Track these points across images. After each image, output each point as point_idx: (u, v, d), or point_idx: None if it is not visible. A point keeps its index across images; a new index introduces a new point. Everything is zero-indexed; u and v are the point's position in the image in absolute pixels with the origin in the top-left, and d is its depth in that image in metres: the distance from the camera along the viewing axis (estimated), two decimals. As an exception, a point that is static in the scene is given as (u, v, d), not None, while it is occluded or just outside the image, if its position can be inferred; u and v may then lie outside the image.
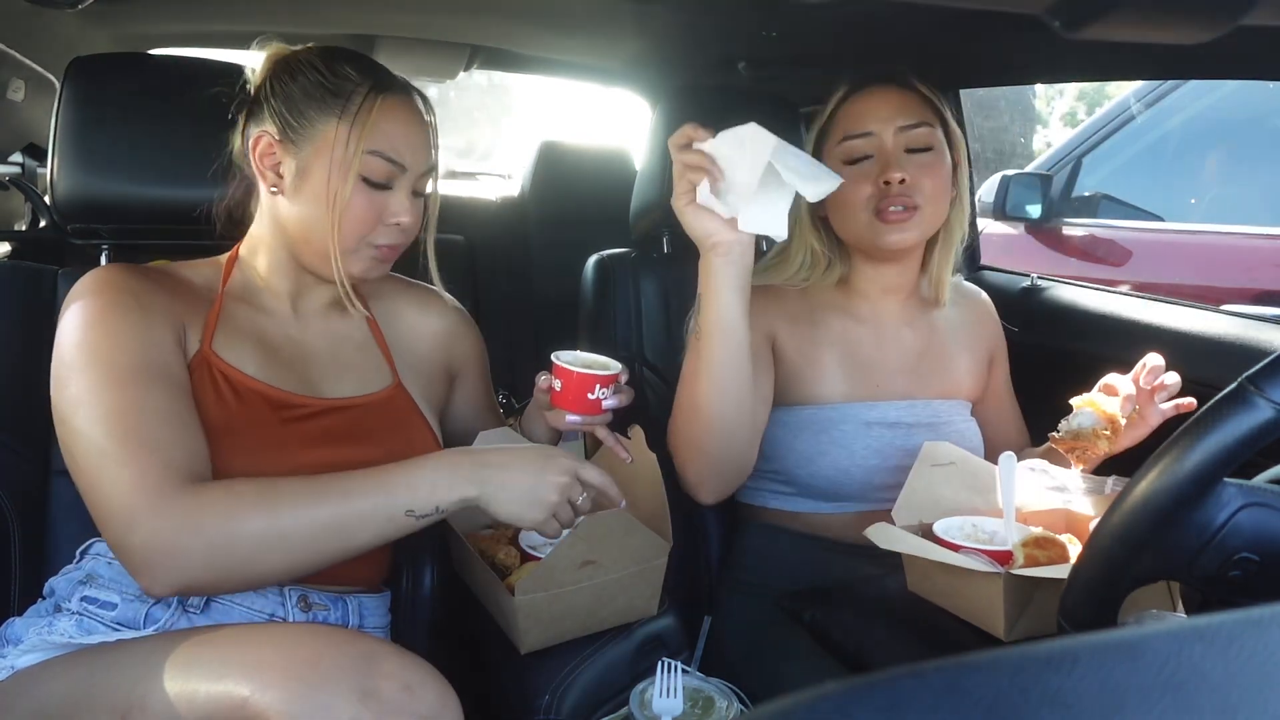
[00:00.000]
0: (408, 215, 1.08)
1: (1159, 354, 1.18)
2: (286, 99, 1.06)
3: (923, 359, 1.38)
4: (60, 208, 1.24)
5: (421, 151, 1.09)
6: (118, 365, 0.94)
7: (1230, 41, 0.76)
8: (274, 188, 1.07)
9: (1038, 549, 1.05)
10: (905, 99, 1.30)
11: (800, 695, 0.33)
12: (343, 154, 1.03)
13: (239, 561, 0.89)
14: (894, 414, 1.32)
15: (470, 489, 0.94)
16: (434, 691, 0.84)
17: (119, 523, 0.89)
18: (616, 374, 1.15)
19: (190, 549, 0.87)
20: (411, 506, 0.93)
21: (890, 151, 1.27)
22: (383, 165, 1.05)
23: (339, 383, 1.13)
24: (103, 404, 0.92)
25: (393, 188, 1.07)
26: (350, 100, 1.05)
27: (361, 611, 1.12)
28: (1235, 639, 0.35)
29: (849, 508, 1.31)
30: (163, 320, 1.00)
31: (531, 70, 2.66)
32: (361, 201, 1.05)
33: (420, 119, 1.10)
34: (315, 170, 1.05)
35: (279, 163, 1.06)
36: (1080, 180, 3.53)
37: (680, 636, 1.12)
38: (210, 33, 2.24)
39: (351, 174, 1.03)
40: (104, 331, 0.96)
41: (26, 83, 1.85)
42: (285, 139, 1.06)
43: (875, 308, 1.38)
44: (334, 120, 1.04)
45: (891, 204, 1.25)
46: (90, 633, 0.98)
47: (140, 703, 0.83)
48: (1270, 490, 0.73)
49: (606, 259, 1.60)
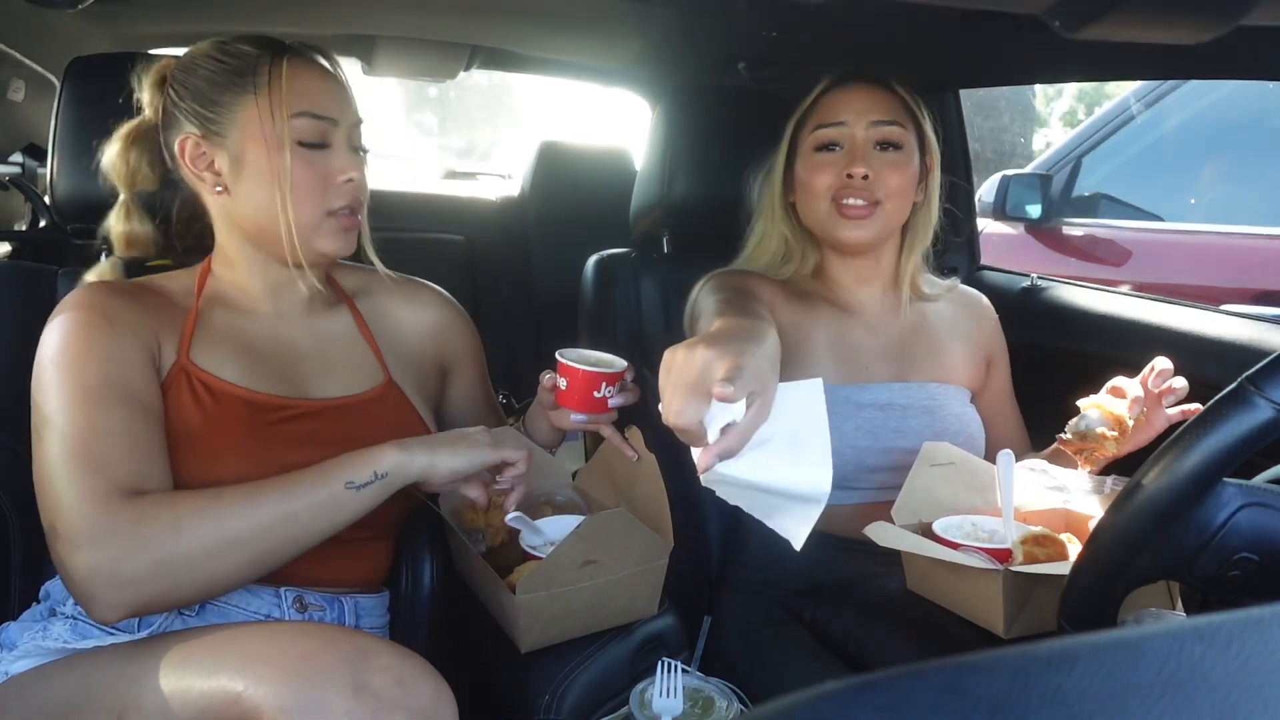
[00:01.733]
0: (355, 169, 1.07)
1: (1165, 356, 1.18)
2: (195, 95, 1.05)
3: (913, 344, 1.39)
4: (60, 208, 1.25)
5: (345, 102, 1.08)
6: (82, 385, 0.94)
7: (1230, 41, 0.76)
8: (216, 187, 1.06)
9: (1037, 547, 1.05)
10: (882, 97, 1.33)
11: (800, 695, 0.33)
12: (270, 126, 1.03)
13: (187, 573, 0.88)
14: (885, 396, 1.33)
15: (399, 453, 0.97)
16: (428, 686, 0.85)
17: (63, 543, 0.89)
18: (622, 372, 1.14)
19: (136, 570, 0.87)
20: (350, 479, 0.95)
21: (859, 144, 1.29)
22: (312, 124, 1.04)
23: (326, 382, 1.12)
24: (64, 424, 0.93)
25: (330, 145, 1.06)
26: (258, 73, 1.04)
27: (358, 612, 1.12)
28: (1235, 639, 0.35)
29: (846, 497, 1.31)
30: (133, 338, 1.00)
31: (531, 70, 2.66)
32: (303, 167, 1.03)
33: (330, 72, 1.09)
34: (249, 152, 1.04)
35: (211, 160, 1.06)
36: (1080, 180, 3.53)
37: (680, 636, 1.12)
38: (210, 33, 2.24)
39: (286, 141, 1.02)
40: (73, 352, 0.97)
41: (26, 83, 1.85)
42: (208, 133, 1.05)
43: (856, 296, 1.39)
44: (250, 96, 1.03)
45: (852, 195, 1.27)
46: (85, 637, 0.98)
47: (135, 701, 0.84)
48: (1270, 490, 0.73)
49: (606, 259, 1.60)
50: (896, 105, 1.33)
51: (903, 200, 1.31)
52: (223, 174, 1.05)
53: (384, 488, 0.97)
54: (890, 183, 1.28)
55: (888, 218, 1.30)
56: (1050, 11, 0.76)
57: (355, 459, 0.96)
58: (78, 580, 0.87)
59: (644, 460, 1.13)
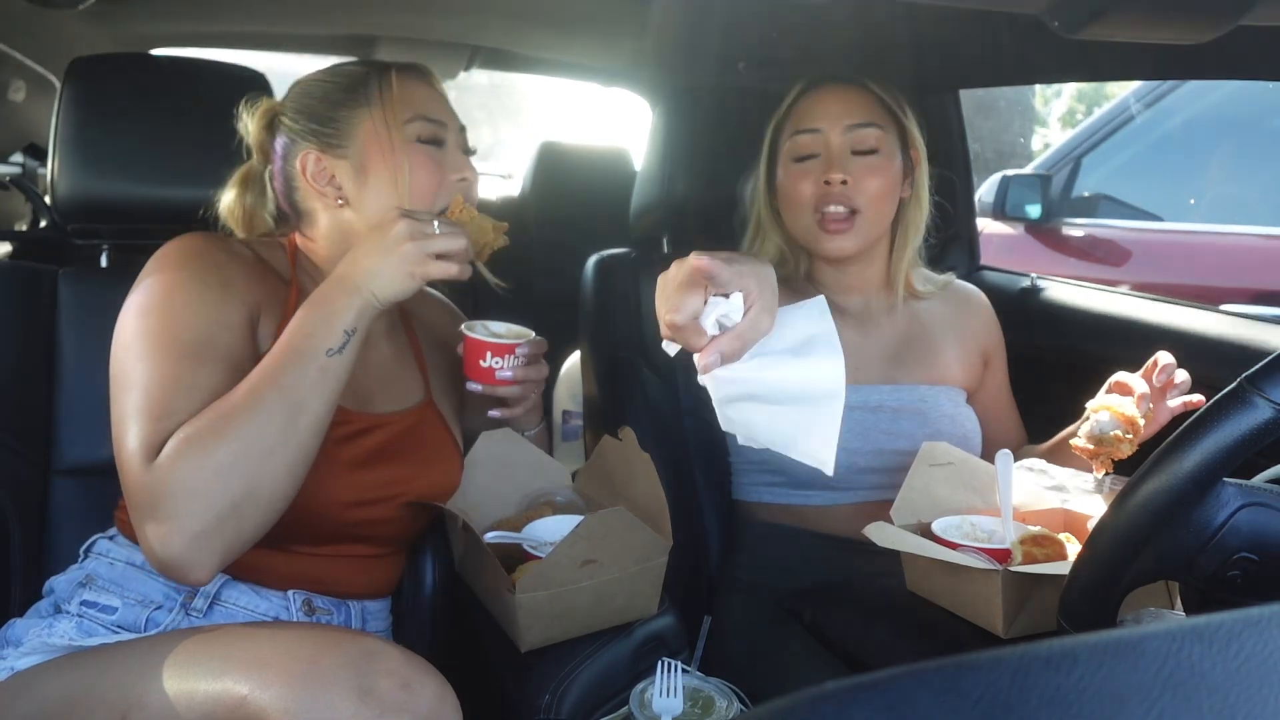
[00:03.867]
0: (469, 169, 1.11)
1: (1168, 352, 1.18)
2: (311, 115, 1.09)
3: (905, 346, 1.39)
4: (60, 208, 1.25)
5: (450, 109, 1.12)
6: (181, 340, 0.94)
7: (1230, 41, 0.76)
8: (338, 200, 1.08)
9: (1036, 546, 1.05)
10: (857, 98, 1.32)
11: (800, 695, 0.33)
12: (388, 131, 1.06)
13: (239, 492, 0.87)
14: (875, 398, 1.32)
15: (353, 299, 0.96)
16: (432, 689, 0.85)
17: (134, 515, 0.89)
18: (512, 345, 1.13)
19: (199, 523, 0.86)
20: (327, 347, 0.94)
21: (835, 151, 1.29)
22: (427, 125, 1.08)
23: (382, 399, 1.13)
24: (152, 374, 0.92)
25: (445, 144, 1.10)
26: (369, 86, 1.08)
27: (365, 616, 1.13)
28: (1235, 639, 0.36)
29: (840, 498, 1.31)
30: (239, 302, 1.00)
31: (531, 70, 2.66)
32: (423, 163, 1.06)
33: (433, 82, 1.13)
34: (372, 160, 1.06)
35: (332, 175, 1.08)
36: (1080, 180, 3.53)
37: (680, 636, 1.12)
38: (210, 33, 2.25)
39: (406, 142, 1.06)
40: (180, 304, 0.96)
41: (27, 83, 1.85)
42: (327, 147, 1.07)
43: (846, 300, 1.39)
44: (364, 109, 1.07)
45: (832, 203, 1.27)
46: (90, 635, 0.98)
47: (139, 701, 0.83)
48: (1270, 490, 0.73)
49: (606, 259, 1.60)
50: (872, 105, 1.32)
51: (883, 205, 1.31)
52: (344, 186, 1.07)
53: (360, 336, 0.97)
54: (869, 188, 1.28)
55: (869, 226, 1.30)
56: (1050, 11, 0.76)
57: (319, 328, 0.95)
58: (153, 556, 0.88)
59: (640, 461, 1.13)
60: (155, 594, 1.01)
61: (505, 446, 1.23)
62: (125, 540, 1.05)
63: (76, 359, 1.22)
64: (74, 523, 1.17)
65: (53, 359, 1.22)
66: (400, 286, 0.97)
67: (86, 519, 1.15)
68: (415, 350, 1.22)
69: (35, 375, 1.20)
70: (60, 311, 1.23)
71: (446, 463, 1.15)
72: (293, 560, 1.05)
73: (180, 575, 0.88)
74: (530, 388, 1.17)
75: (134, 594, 1.00)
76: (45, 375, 1.21)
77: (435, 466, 1.14)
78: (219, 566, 0.88)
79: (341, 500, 1.03)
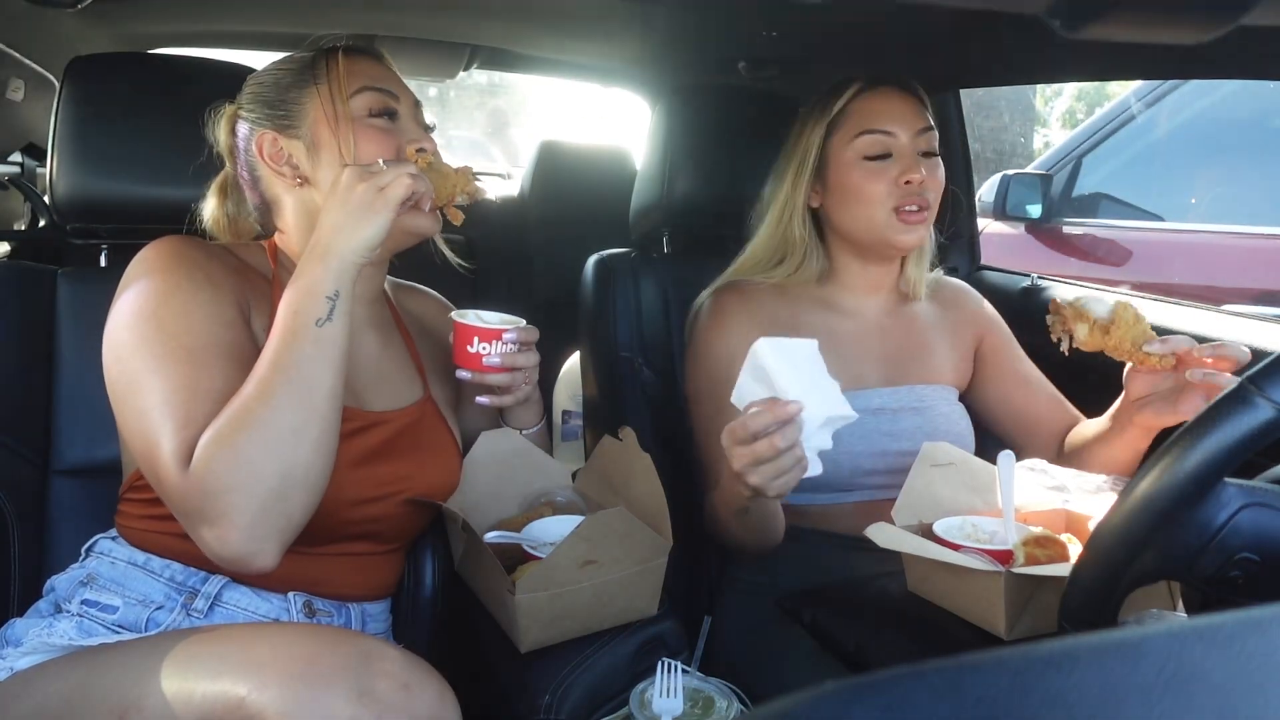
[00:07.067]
0: (427, 140, 1.10)
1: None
2: (264, 101, 1.10)
3: (903, 349, 1.41)
4: (60, 207, 1.24)
5: (401, 84, 1.12)
6: (185, 346, 0.94)
7: (1230, 41, 0.76)
8: (296, 180, 1.08)
9: (1038, 548, 1.05)
10: (914, 103, 1.35)
11: (800, 695, 0.33)
12: (333, 105, 1.06)
13: (275, 478, 0.88)
14: (876, 401, 1.34)
15: (329, 263, 0.95)
16: (432, 690, 0.84)
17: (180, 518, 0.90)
18: (499, 330, 1.13)
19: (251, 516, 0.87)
20: (315, 317, 0.93)
21: (909, 152, 1.32)
22: (375, 96, 1.08)
23: (378, 396, 1.13)
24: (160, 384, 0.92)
25: (397, 115, 1.09)
26: (316, 66, 1.09)
27: (365, 618, 1.13)
28: (1235, 639, 0.35)
29: (842, 498, 1.31)
30: (230, 299, 1.01)
31: (531, 70, 2.66)
32: (372, 134, 1.06)
33: (383, 60, 1.13)
34: (322, 135, 1.06)
35: (289, 154, 1.08)
36: (1080, 180, 3.53)
37: (680, 636, 1.12)
38: (210, 33, 2.25)
39: (355, 116, 1.06)
40: (177, 308, 0.96)
41: (26, 82, 1.85)
42: (283, 129, 1.08)
43: (858, 302, 1.41)
44: (313, 88, 1.08)
45: (911, 202, 1.31)
46: (90, 635, 0.98)
47: (137, 702, 0.83)
48: (1270, 490, 0.73)
49: (606, 259, 1.60)
50: (924, 109, 1.36)
51: (939, 203, 1.36)
52: (300, 165, 1.08)
53: (345, 300, 0.95)
54: (936, 188, 1.34)
55: (931, 220, 1.36)
56: (1050, 11, 0.76)
57: (304, 302, 0.94)
58: (216, 556, 0.89)
59: (640, 461, 1.13)
60: (156, 594, 1.01)
61: (505, 446, 1.22)
62: (126, 541, 1.05)
63: (76, 359, 1.22)
64: (73, 523, 1.17)
65: (52, 359, 1.22)
66: (366, 233, 0.95)
67: (86, 519, 1.15)
68: (411, 348, 1.21)
69: (35, 375, 1.20)
70: (60, 311, 1.23)
71: (446, 460, 1.15)
72: (293, 560, 1.04)
73: (246, 566, 0.89)
74: (520, 376, 1.16)
75: (135, 594, 1.00)
76: (45, 375, 1.21)
77: (435, 463, 1.14)
78: (281, 550, 0.90)
79: (343, 497, 1.03)
